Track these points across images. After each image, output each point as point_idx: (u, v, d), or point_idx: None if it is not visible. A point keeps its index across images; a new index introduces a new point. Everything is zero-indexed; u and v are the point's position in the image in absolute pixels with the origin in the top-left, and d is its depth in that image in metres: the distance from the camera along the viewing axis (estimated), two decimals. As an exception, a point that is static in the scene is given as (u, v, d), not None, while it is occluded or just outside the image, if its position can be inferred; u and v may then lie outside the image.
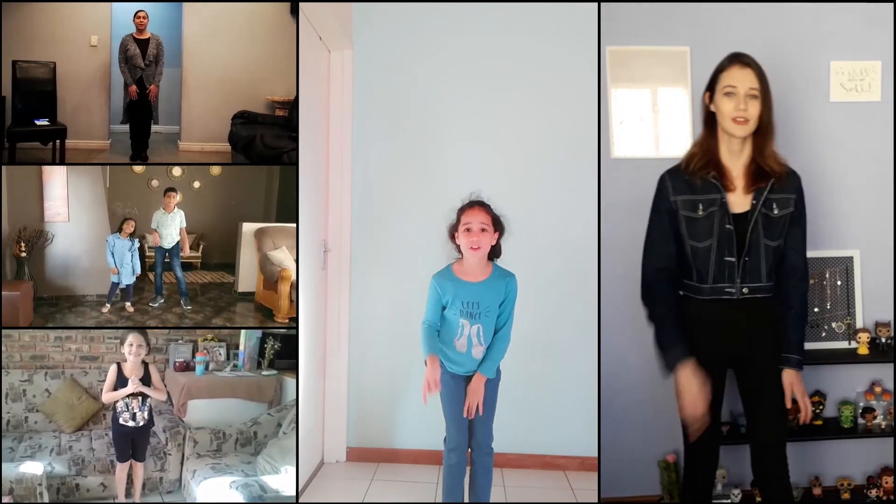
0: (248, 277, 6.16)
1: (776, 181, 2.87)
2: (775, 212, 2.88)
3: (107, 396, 3.78)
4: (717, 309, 2.94)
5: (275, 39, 5.85)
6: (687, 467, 3.15)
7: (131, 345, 3.76)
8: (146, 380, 3.81)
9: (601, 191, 3.78)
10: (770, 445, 2.99)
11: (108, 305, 5.20)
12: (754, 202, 2.86)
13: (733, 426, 3.77)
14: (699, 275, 2.93)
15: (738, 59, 2.86)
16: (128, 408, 3.76)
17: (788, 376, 2.93)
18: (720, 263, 2.89)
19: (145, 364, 3.84)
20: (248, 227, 6.31)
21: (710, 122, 2.94)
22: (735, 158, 2.90)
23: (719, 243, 2.88)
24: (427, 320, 3.23)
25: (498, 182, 4.29)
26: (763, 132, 2.85)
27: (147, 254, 7.08)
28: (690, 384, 2.82)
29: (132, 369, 3.78)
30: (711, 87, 2.91)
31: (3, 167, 5.10)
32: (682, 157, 2.98)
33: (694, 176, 2.90)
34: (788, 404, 2.95)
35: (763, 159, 2.87)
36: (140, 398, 3.78)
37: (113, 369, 3.79)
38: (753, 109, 2.80)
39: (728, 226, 2.86)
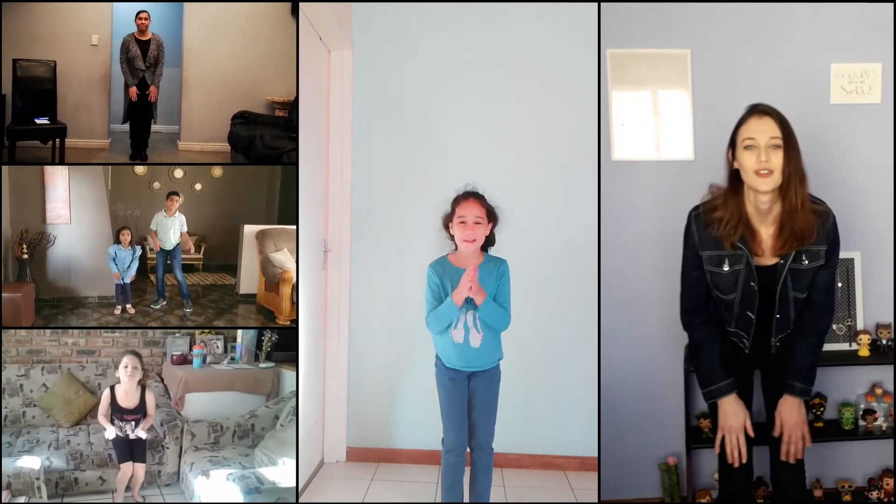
0: (249, 279, 6.15)
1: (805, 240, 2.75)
2: (805, 264, 2.79)
3: (102, 420, 3.79)
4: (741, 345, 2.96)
5: (275, 39, 5.86)
6: (721, 473, 3.10)
7: (126, 367, 3.77)
8: (141, 407, 3.80)
9: (602, 190, 3.78)
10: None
11: (119, 307, 5.21)
12: (781, 262, 2.78)
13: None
14: (724, 318, 2.94)
15: (755, 109, 2.73)
16: (121, 431, 3.77)
17: (786, 404, 2.90)
18: (742, 316, 2.88)
19: (142, 386, 3.83)
20: (250, 229, 6.30)
21: (734, 180, 2.79)
22: (763, 217, 2.77)
23: (742, 299, 2.84)
24: (428, 311, 3.19)
25: (498, 182, 4.27)
26: (790, 184, 2.66)
27: (148, 255, 7.08)
28: (737, 415, 2.87)
29: (126, 394, 3.77)
30: (733, 144, 2.76)
31: (6, 168, 5.10)
32: (704, 207, 2.85)
33: (723, 242, 2.78)
34: (776, 432, 2.91)
35: (794, 217, 2.70)
36: (133, 423, 3.78)
37: (106, 395, 3.78)
38: (776, 160, 2.64)
39: (752, 283, 2.80)
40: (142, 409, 3.80)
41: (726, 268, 2.81)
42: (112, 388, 3.80)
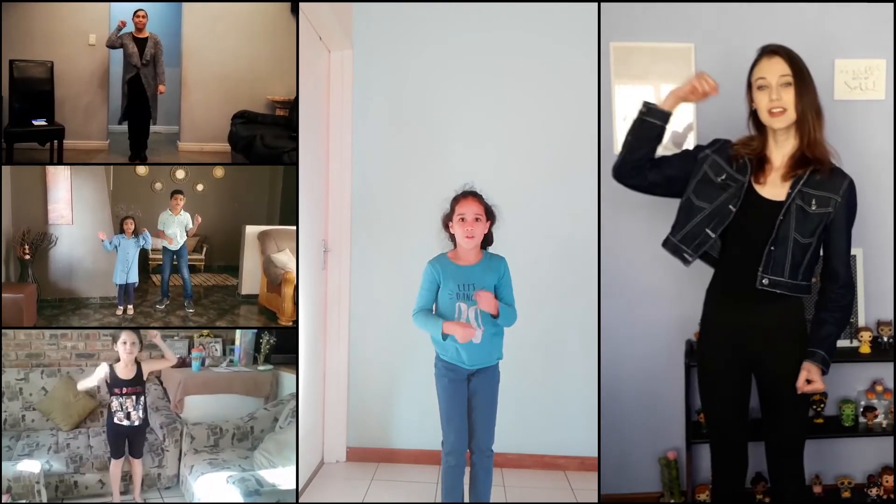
0: (251, 280, 6.13)
1: (817, 171, 2.78)
2: (812, 207, 2.78)
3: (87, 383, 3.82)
4: (733, 302, 2.93)
5: (275, 39, 5.84)
6: (714, 467, 3.10)
7: (125, 342, 3.76)
8: (138, 378, 3.79)
9: (602, 187, 3.76)
10: (786, 445, 2.97)
11: (121, 308, 5.20)
12: (790, 191, 2.80)
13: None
14: (678, 224, 2.99)
15: (766, 49, 2.82)
16: (122, 407, 3.75)
17: (808, 367, 2.79)
18: (698, 230, 2.91)
19: (138, 363, 3.83)
20: (252, 230, 6.28)
21: (756, 120, 2.90)
22: (779, 149, 2.86)
23: (710, 214, 2.88)
24: (418, 306, 3.21)
25: (498, 181, 4.26)
26: (805, 119, 2.77)
27: (150, 256, 7.07)
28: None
29: (125, 368, 3.77)
30: (749, 86, 2.87)
31: (8, 169, 5.09)
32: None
33: (736, 157, 2.90)
34: (800, 386, 2.78)
35: (808, 147, 2.79)
36: (134, 398, 3.77)
37: (105, 368, 3.78)
38: (788, 97, 2.74)
39: (731, 207, 2.84)
40: (139, 381, 3.78)
41: (719, 179, 2.89)
42: (111, 365, 3.79)
